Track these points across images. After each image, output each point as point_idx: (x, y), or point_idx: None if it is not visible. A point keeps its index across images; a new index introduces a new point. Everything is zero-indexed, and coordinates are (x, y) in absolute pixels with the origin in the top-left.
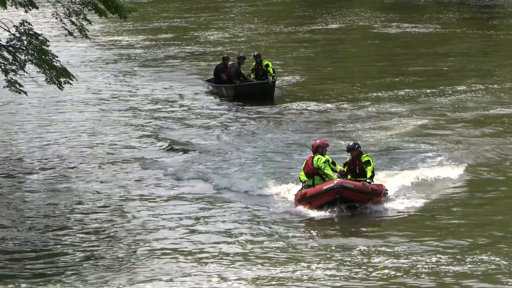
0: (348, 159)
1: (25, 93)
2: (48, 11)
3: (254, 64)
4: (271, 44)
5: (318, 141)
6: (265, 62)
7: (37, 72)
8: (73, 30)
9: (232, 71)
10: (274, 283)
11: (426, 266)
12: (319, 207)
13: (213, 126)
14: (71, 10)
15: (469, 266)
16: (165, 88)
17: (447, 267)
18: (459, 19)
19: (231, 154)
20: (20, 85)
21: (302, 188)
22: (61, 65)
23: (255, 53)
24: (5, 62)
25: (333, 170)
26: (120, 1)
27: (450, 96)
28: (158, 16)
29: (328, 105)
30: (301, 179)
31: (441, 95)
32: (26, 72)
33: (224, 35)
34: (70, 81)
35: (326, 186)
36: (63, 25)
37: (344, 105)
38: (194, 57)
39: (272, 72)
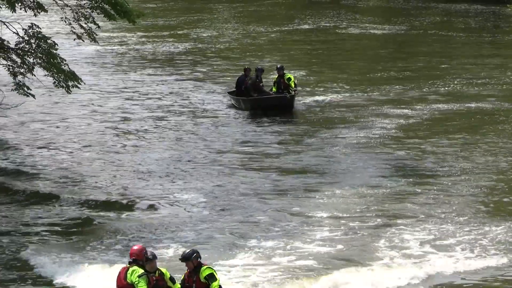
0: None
1: (33, 96)
2: (52, 13)
3: (276, 77)
4: (265, 43)
5: (135, 247)
6: (287, 76)
7: (45, 75)
8: (82, 34)
9: (249, 84)
10: None
11: None
12: None
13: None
14: (79, 14)
15: None
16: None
17: None
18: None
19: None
20: (28, 88)
21: None
22: (69, 68)
23: (278, 66)
24: (13, 65)
25: None
26: (128, 6)
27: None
28: (157, 15)
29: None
30: None
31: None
32: (34, 75)
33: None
34: (78, 85)
35: None
36: (72, 28)
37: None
38: (192, 57)
39: (293, 86)
